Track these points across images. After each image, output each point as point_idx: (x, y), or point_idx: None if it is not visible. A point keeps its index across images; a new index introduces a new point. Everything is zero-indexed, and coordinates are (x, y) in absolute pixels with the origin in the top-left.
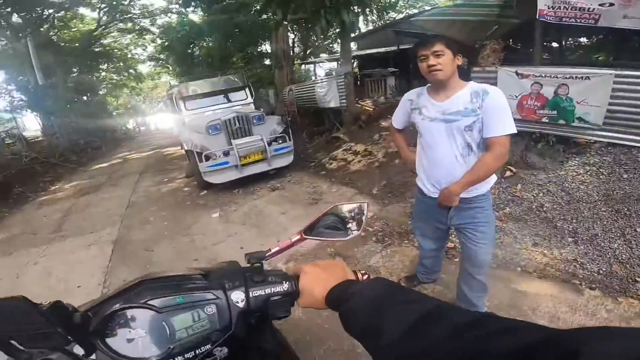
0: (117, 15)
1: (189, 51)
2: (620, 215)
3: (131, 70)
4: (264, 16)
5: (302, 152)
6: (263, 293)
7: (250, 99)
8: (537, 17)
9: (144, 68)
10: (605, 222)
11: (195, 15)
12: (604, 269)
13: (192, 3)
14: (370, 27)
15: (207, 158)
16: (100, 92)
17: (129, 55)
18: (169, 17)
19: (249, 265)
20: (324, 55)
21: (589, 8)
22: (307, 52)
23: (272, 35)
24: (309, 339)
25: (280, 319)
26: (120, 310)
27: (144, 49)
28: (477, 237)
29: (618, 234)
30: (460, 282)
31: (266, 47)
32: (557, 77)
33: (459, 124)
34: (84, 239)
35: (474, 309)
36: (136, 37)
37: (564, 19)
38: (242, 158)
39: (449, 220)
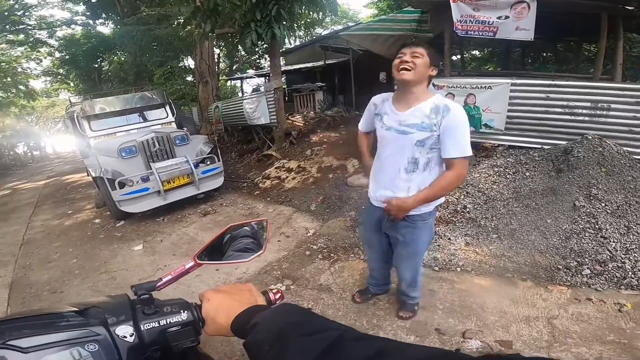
0: (7, 27)
1: (96, 66)
2: (530, 210)
3: (21, 87)
4: (188, 28)
5: (233, 172)
6: (157, 325)
7: (171, 118)
8: (453, 29)
9: (38, 84)
10: (519, 217)
11: (105, 27)
12: (528, 261)
13: (103, 15)
14: (297, 43)
15: (122, 185)
16: None
17: (19, 70)
18: (72, 29)
19: (137, 297)
20: (251, 71)
21: (488, 21)
22: (233, 68)
23: (195, 49)
24: None
25: (188, 349)
26: None
27: (38, 63)
28: (406, 252)
29: (533, 227)
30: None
31: (189, 62)
32: (465, 87)
33: (411, 137)
34: None
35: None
36: (29, 49)
37: (469, 32)
38: (165, 183)
39: (383, 228)
